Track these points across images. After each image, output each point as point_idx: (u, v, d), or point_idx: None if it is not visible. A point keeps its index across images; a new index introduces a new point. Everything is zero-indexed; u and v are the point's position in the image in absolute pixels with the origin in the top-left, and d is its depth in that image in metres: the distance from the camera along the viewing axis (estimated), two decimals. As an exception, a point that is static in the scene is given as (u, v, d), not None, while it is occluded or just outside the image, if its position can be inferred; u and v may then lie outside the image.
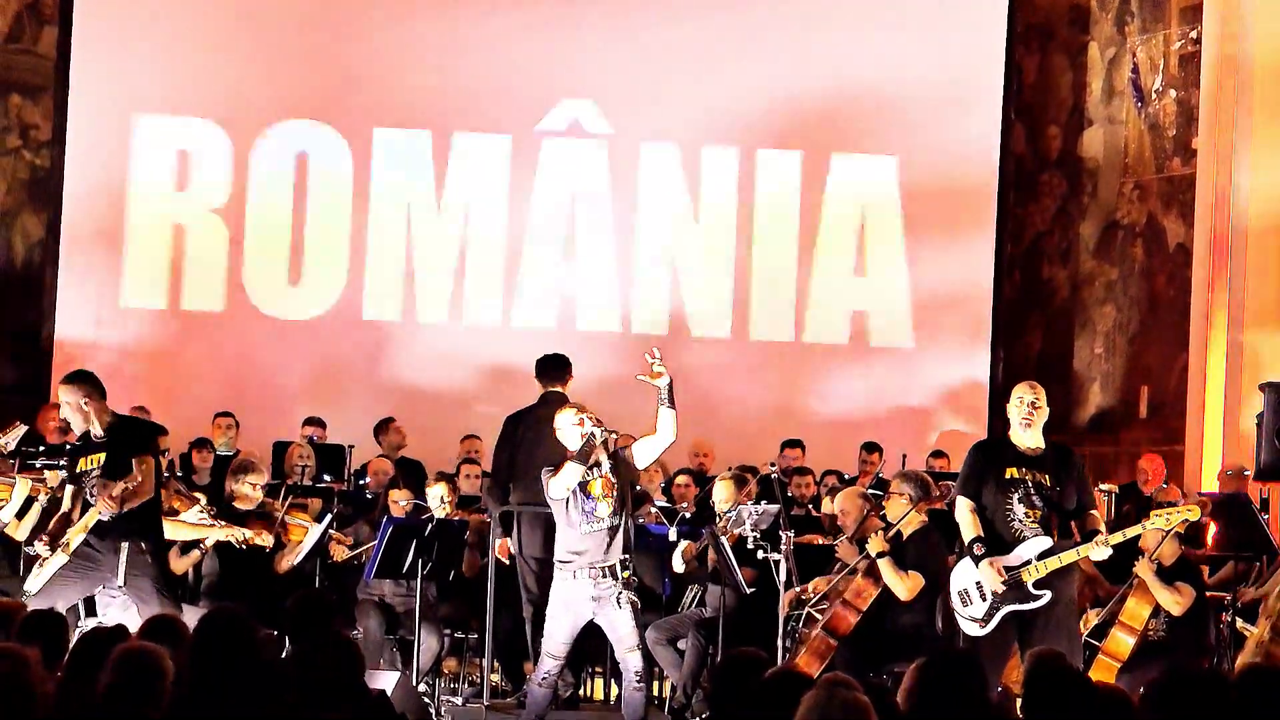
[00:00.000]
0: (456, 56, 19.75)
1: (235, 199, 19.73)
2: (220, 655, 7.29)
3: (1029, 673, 7.28)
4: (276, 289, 19.79)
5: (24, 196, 19.80)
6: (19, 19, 19.75)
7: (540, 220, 19.83)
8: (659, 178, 19.96)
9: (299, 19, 19.82)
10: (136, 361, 19.07)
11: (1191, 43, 18.86)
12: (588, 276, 19.89)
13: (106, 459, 11.73)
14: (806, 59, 19.99)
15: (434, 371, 19.68)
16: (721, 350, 19.95)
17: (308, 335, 19.76)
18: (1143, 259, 19.59)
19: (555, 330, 19.01)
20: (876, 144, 20.04)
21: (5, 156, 19.73)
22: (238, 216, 19.73)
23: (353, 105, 19.80)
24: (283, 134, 19.82)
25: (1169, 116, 19.29)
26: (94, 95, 19.55)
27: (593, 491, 11.40)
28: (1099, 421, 19.73)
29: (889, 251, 20.05)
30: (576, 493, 11.37)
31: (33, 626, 8.25)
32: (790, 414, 19.59)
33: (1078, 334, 20.28)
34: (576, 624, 11.53)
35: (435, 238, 19.85)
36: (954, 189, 20.03)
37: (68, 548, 11.57)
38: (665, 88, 19.96)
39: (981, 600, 10.86)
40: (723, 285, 20.06)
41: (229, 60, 19.70)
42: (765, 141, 20.09)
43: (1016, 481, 10.88)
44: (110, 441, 11.80)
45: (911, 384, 19.96)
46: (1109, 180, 19.99)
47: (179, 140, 19.67)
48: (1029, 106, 20.49)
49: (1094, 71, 20.19)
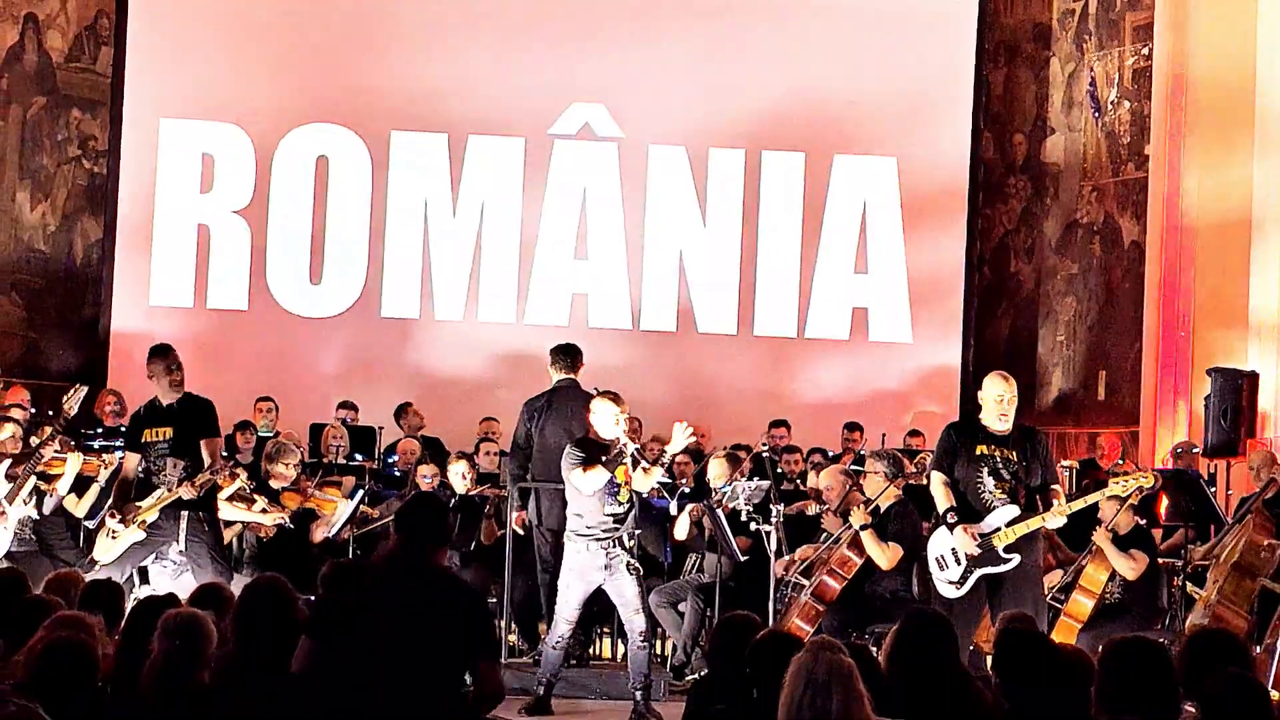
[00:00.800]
0: (471, 63, 19.63)
1: (258, 201, 19.68)
2: (262, 619, 7.30)
3: (1000, 634, 7.27)
4: (299, 287, 19.74)
5: (83, 201, 19.80)
6: (78, 40, 19.75)
7: (553, 220, 19.74)
8: (667, 179, 19.89)
9: (320, 29, 19.67)
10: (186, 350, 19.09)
11: (1143, 59, 18.85)
12: (598, 274, 19.80)
13: (175, 435, 11.76)
14: (803, 70, 19.91)
15: (453, 361, 19.64)
16: (726, 344, 19.95)
17: (330, 330, 19.70)
18: (1100, 255, 19.57)
19: (568, 326, 18.88)
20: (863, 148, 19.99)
21: (66, 165, 19.73)
22: (260, 218, 19.68)
23: (371, 110, 19.68)
24: (303, 137, 19.75)
25: (1123, 125, 19.27)
26: (144, 108, 19.54)
27: (618, 476, 11.45)
28: (1061, 403, 19.72)
29: (881, 248, 20.01)
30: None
31: (92, 595, 8.26)
32: (780, 398, 19.57)
33: (1041, 323, 20.26)
34: (588, 591, 11.59)
35: (451, 237, 19.76)
36: (929, 192, 20.01)
37: (144, 524, 11.61)
38: (673, 94, 19.86)
39: (957, 565, 10.89)
40: (729, 282, 20.04)
41: (253, 68, 19.64)
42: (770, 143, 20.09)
43: (986, 457, 10.92)
44: (178, 416, 11.82)
45: (890, 369, 19.93)
46: (1069, 183, 19.98)
47: (204, 144, 19.64)
48: (997, 116, 20.45)
49: (1055, 85, 20.17)
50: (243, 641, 7.23)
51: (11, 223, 19.20)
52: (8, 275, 19.11)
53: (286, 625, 7.30)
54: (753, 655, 6.93)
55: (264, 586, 7.54)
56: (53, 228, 19.61)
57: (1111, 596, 12.29)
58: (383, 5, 19.83)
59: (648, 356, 19.54)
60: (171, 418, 11.81)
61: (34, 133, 19.42)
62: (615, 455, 11.45)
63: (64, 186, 19.71)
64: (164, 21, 19.65)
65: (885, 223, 19.99)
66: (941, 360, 19.94)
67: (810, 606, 11.89)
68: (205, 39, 19.62)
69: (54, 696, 5.64)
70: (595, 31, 19.98)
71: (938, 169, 20.01)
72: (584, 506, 11.54)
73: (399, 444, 16.58)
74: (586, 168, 19.84)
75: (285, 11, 19.81)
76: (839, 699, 5.69)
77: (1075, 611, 12.05)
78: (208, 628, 6.74)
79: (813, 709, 5.67)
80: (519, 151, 19.79)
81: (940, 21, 20.15)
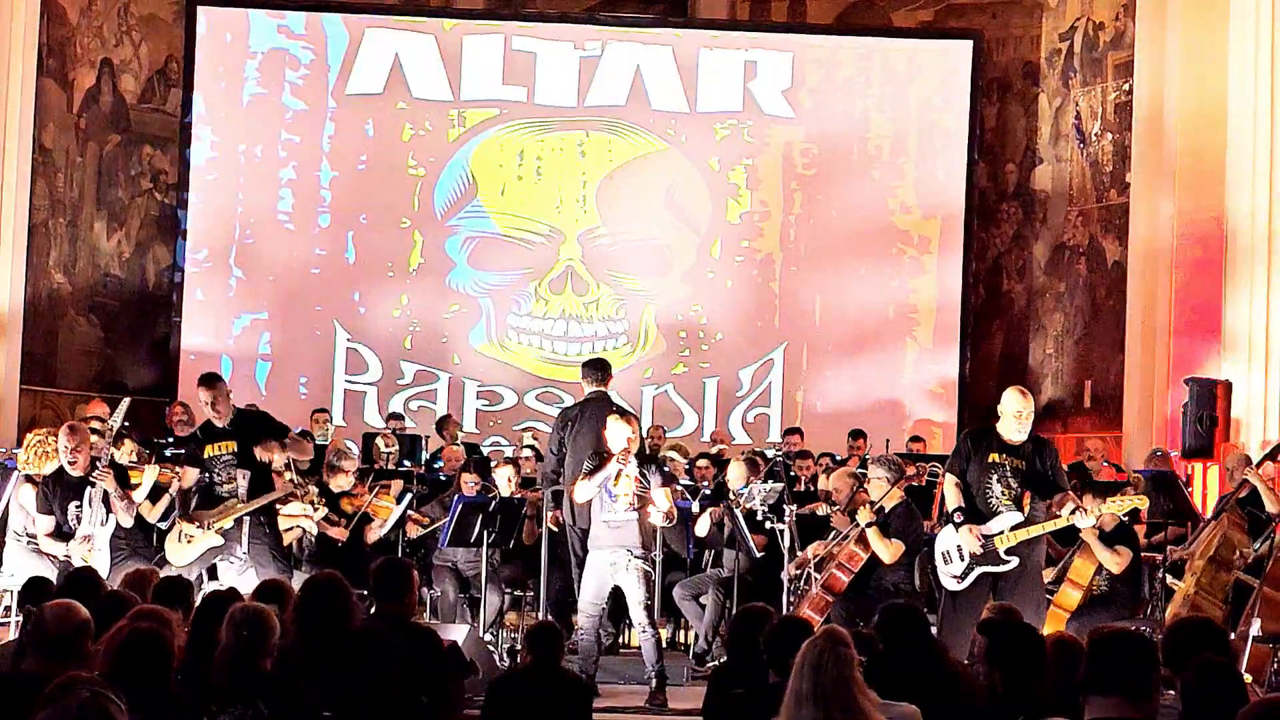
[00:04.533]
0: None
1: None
2: (320, 613, 7.32)
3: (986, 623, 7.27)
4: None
5: (155, 231, 19.87)
6: (150, 83, 19.83)
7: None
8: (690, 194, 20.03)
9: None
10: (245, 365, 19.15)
11: (1124, 94, 18.83)
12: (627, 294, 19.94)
13: (238, 448, 11.91)
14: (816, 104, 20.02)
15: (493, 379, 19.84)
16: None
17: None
18: (1086, 274, 19.57)
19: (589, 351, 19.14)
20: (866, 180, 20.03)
21: (139, 197, 19.80)
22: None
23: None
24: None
25: (1106, 155, 19.26)
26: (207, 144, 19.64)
27: (616, 490, 11.53)
28: (1050, 410, 19.68)
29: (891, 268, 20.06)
30: (604, 486, 11.54)
31: (164, 590, 8.29)
32: (793, 407, 19.64)
33: (1032, 337, 20.26)
34: (601, 587, 11.65)
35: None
36: (928, 217, 20.02)
37: (220, 531, 11.76)
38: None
39: (960, 560, 10.93)
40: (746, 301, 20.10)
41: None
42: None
43: (997, 465, 10.96)
44: (236, 431, 11.95)
45: (893, 380, 19.93)
46: (1057, 208, 19.98)
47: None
48: (990, 147, 20.45)
49: (1044, 118, 20.18)
50: (302, 633, 7.26)
51: (90, 250, 19.26)
52: (86, 298, 19.17)
53: (342, 618, 7.33)
54: (768, 642, 6.95)
55: (322, 583, 7.56)
56: (127, 254, 19.68)
57: (1098, 588, 12.28)
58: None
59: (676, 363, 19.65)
60: (230, 434, 12.01)
61: (110, 168, 19.48)
62: (603, 465, 11.59)
63: (137, 216, 19.77)
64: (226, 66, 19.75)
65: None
66: (940, 372, 19.93)
67: (820, 597, 11.88)
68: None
69: (132, 684, 5.65)
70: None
71: (934, 197, 20.02)
72: (593, 513, 11.70)
73: (443, 450, 16.60)
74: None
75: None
76: (842, 686, 5.69)
77: (1064, 602, 12.05)
78: (272, 620, 6.76)
79: (815, 693, 5.67)
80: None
81: (938, 61, 20.21)
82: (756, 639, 7.14)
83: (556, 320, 19.88)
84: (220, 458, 12.00)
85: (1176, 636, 6.66)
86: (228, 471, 11.94)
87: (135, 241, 19.75)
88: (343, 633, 7.25)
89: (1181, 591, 12.07)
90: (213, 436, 12.07)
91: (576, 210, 19.97)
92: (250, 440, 12.03)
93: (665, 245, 20.05)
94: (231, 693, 6.50)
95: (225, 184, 19.66)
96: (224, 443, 12.01)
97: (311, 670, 6.95)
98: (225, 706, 6.46)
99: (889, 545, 11.92)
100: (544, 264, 19.93)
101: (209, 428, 12.16)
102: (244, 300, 19.65)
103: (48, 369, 18.52)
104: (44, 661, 6.08)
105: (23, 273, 17.74)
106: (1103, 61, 19.32)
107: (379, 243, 19.87)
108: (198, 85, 19.61)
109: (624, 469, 11.56)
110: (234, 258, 19.65)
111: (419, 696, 7.31)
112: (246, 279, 19.66)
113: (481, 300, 19.86)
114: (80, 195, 19.13)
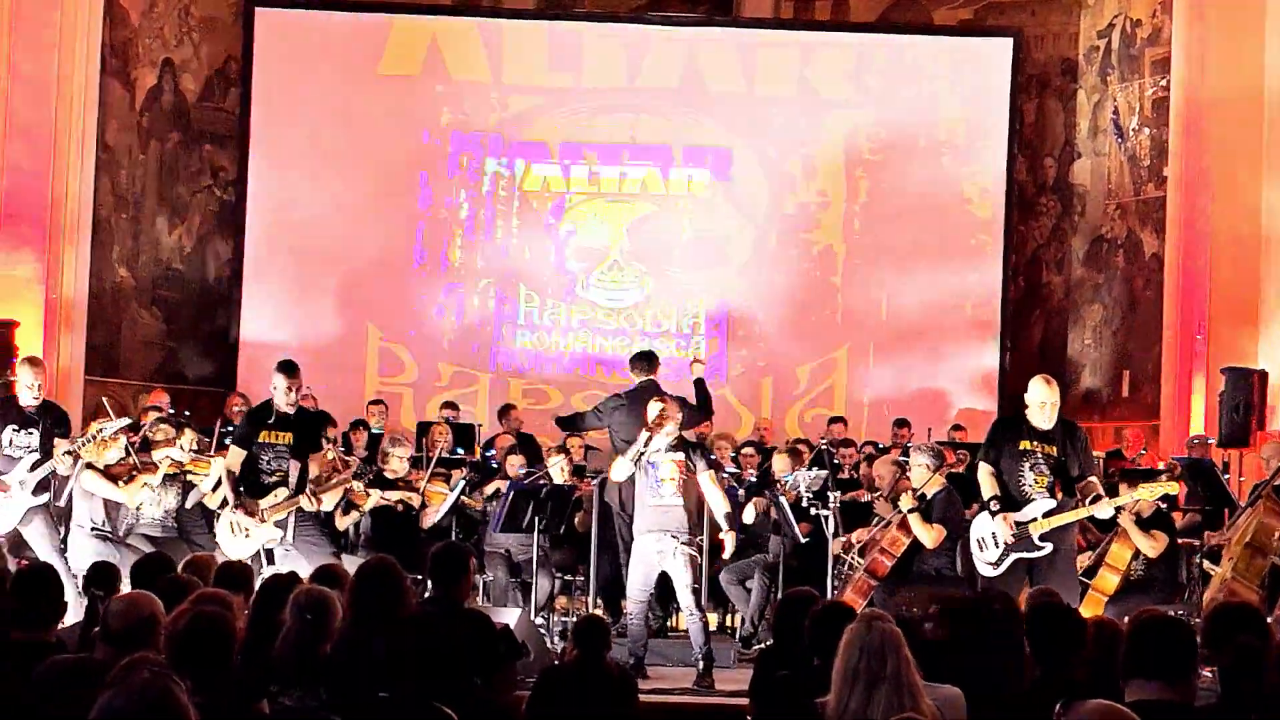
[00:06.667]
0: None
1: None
2: (375, 596, 7.32)
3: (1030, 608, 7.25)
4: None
5: (214, 225, 19.93)
6: (209, 82, 19.87)
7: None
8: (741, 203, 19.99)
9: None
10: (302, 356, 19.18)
11: (1162, 89, 18.74)
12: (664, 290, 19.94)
13: (294, 441, 11.92)
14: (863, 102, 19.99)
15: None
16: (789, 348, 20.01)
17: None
18: (1124, 266, 19.48)
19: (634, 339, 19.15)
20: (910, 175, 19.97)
21: (199, 193, 19.86)
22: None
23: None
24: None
25: (1144, 149, 19.17)
26: (266, 141, 19.70)
27: (661, 474, 11.54)
28: (1088, 399, 19.62)
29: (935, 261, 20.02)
30: (649, 471, 11.55)
31: (225, 575, 8.31)
32: (834, 396, 19.61)
33: (1071, 328, 20.17)
34: (649, 573, 11.67)
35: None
36: (970, 211, 19.97)
37: (282, 524, 11.80)
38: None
39: (995, 547, 10.92)
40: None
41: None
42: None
43: (1029, 452, 10.95)
44: (296, 425, 11.97)
45: (935, 370, 19.87)
46: (1095, 202, 19.89)
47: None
48: (1029, 142, 20.37)
49: (1082, 113, 20.09)
50: (356, 617, 7.26)
51: (152, 245, 19.33)
52: (149, 292, 19.25)
53: (395, 602, 7.33)
54: (811, 627, 6.93)
55: (376, 567, 7.57)
56: (188, 249, 19.74)
57: (1135, 573, 12.23)
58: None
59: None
60: (289, 425, 11.96)
61: (171, 165, 19.55)
62: (646, 443, 11.67)
63: (198, 212, 19.84)
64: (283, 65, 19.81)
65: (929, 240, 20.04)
66: (982, 363, 19.87)
67: (864, 581, 11.88)
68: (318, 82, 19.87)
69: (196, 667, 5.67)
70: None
71: (975, 191, 19.96)
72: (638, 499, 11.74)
73: (496, 439, 16.62)
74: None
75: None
76: (891, 663, 5.69)
77: (1102, 586, 12.01)
78: (334, 604, 6.76)
79: (868, 672, 5.67)
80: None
81: (979, 59, 20.15)
82: (801, 622, 7.12)
83: (604, 314, 19.85)
84: (274, 445, 11.96)
85: (1217, 620, 6.65)
86: (279, 462, 11.94)
87: (196, 236, 19.81)
88: (397, 616, 7.25)
89: (1218, 576, 12.03)
90: (269, 424, 12.01)
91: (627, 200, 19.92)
92: (307, 437, 12.05)
93: (719, 237, 19.98)
94: (293, 676, 6.50)
95: (282, 180, 19.70)
96: (281, 433, 11.96)
97: (366, 654, 6.95)
98: (286, 689, 6.47)
99: (930, 530, 11.90)
100: (594, 256, 19.91)
101: (264, 413, 12.11)
102: (301, 293, 19.69)
103: (111, 360, 18.60)
104: (113, 653, 6.09)
105: (87, 267, 17.84)
106: (1140, 58, 19.23)
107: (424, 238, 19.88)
108: (256, 84, 19.66)
109: (653, 436, 11.57)
110: (291, 252, 19.69)
111: (472, 678, 7.31)
112: (303, 273, 19.70)
113: (529, 295, 19.84)
114: (142, 191, 19.19)
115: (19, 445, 11.90)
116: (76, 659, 6.34)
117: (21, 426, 11.92)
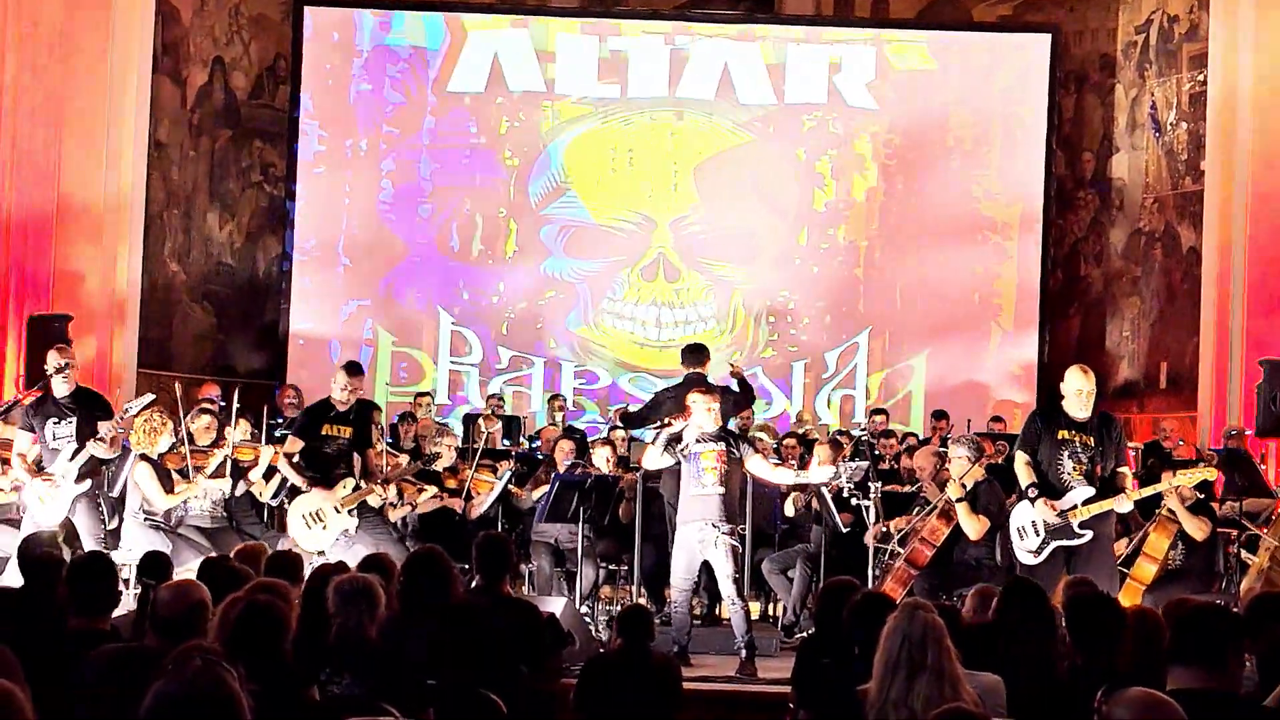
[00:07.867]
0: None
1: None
2: (423, 586, 7.33)
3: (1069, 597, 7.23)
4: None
5: (264, 221, 20.00)
6: (259, 80, 19.94)
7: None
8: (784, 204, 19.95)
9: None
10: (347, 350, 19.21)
11: (1199, 84, 18.67)
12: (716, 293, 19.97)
13: (353, 435, 12.11)
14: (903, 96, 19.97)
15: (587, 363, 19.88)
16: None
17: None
18: (1161, 259, 19.42)
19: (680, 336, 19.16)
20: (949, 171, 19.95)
21: (249, 189, 19.92)
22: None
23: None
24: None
25: (1181, 144, 19.10)
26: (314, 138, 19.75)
27: (704, 463, 11.53)
28: (1126, 390, 19.57)
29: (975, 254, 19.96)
30: (693, 460, 11.53)
31: (275, 564, 8.32)
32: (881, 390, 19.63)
33: (1109, 320, 20.12)
34: (691, 562, 11.64)
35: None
36: (1009, 205, 19.94)
37: (354, 513, 11.95)
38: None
39: (1035, 535, 10.87)
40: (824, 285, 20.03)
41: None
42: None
43: (1066, 442, 10.88)
44: (355, 420, 12.15)
45: (974, 362, 19.85)
46: (1133, 196, 19.83)
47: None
48: (1068, 137, 20.32)
49: (1120, 108, 20.02)
50: (405, 605, 7.27)
51: (203, 240, 19.40)
52: (200, 286, 19.32)
53: (443, 591, 7.34)
54: (851, 616, 6.92)
55: (424, 557, 7.58)
56: (238, 244, 19.81)
57: (1173, 562, 12.18)
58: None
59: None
60: (348, 420, 12.21)
61: (222, 161, 19.61)
62: (667, 434, 11.75)
63: (248, 208, 19.91)
64: (332, 63, 19.85)
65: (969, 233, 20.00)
66: (1020, 355, 19.83)
67: (904, 571, 11.84)
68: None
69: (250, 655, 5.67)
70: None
71: (1015, 185, 19.93)
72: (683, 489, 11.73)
73: (542, 431, 16.64)
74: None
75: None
76: (933, 653, 5.68)
77: (1140, 575, 11.96)
78: (377, 591, 6.77)
79: (910, 662, 5.66)
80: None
81: (1018, 54, 20.10)
82: (842, 611, 7.11)
83: (649, 306, 19.87)
84: (336, 439, 12.20)
85: (1255, 610, 6.61)
86: (340, 454, 12.20)
87: (246, 232, 19.88)
88: (445, 606, 7.26)
89: (1256, 566, 11.98)
90: (330, 418, 12.26)
91: (668, 199, 19.93)
92: (363, 430, 12.26)
93: (754, 232, 19.98)
94: (341, 663, 6.51)
95: (331, 176, 19.75)
96: (342, 427, 12.23)
97: (415, 642, 6.96)
98: (334, 676, 6.48)
99: (976, 520, 11.86)
100: (637, 251, 19.91)
101: (325, 408, 12.32)
102: (349, 287, 19.74)
103: (163, 353, 18.66)
104: (164, 641, 6.11)
105: (140, 262, 17.92)
106: (1177, 53, 19.16)
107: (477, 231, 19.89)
108: (305, 82, 19.71)
109: (685, 425, 11.59)
110: (340, 246, 19.73)
111: (519, 667, 7.32)
112: (352, 267, 19.74)
113: (579, 286, 19.87)
114: (193, 188, 19.26)
115: (60, 436, 11.93)
116: (126, 647, 6.38)
117: (60, 418, 11.95)
